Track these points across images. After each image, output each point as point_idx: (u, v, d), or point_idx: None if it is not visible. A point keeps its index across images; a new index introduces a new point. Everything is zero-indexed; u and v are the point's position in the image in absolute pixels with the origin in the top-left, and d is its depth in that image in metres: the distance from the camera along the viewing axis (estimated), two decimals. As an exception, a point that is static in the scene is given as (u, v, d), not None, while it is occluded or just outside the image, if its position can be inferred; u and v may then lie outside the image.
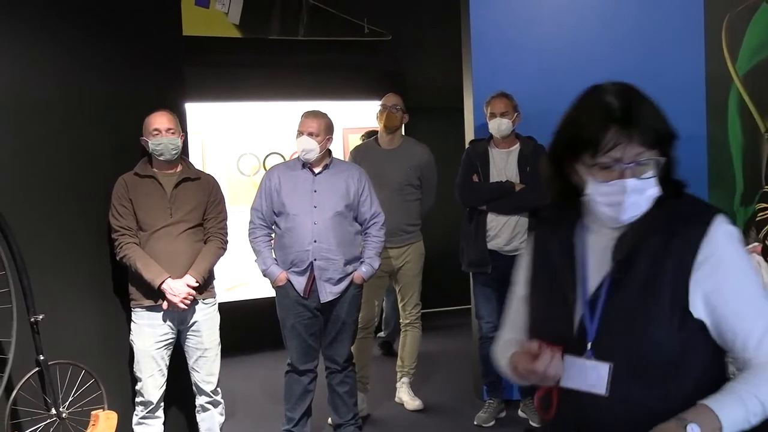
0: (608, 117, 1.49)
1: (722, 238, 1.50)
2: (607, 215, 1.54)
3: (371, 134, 5.23)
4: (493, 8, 4.82)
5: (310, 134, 3.97)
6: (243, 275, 6.14)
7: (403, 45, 6.65)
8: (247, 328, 5.89)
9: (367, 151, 4.85)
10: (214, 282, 3.85)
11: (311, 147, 3.96)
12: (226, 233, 3.83)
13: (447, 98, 5.88)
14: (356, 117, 6.66)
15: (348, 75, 6.64)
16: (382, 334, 6.22)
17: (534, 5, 4.84)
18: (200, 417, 3.87)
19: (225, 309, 4.04)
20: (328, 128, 4.03)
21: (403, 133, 4.95)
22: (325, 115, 4.07)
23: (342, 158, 5.02)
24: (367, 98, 6.39)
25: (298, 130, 4.01)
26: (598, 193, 1.51)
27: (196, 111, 5.77)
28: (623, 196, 1.50)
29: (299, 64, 6.48)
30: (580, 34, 4.79)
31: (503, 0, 4.84)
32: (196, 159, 5.29)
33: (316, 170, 4.03)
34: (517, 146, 4.41)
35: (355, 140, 6.23)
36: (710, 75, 4.76)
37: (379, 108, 4.79)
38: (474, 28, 4.84)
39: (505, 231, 4.36)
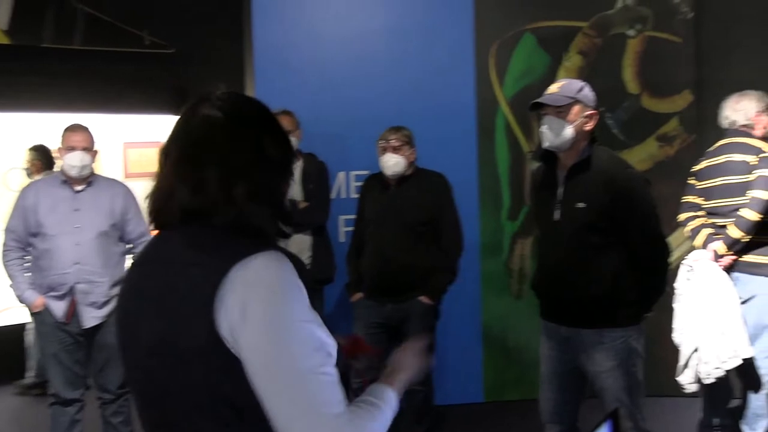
0: None
1: None
2: None
3: None
4: (277, 25, 4.81)
5: (84, 149, 3.76)
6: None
7: (185, 58, 6.47)
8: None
9: None
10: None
11: (86, 162, 3.76)
12: None
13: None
14: (137, 131, 6.40)
15: (128, 87, 6.37)
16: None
17: (318, 24, 4.88)
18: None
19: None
20: (94, 142, 3.84)
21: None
22: (88, 127, 3.87)
23: (123, 174, 4.78)
24: (149, 112, 6.16)
25: (67, 146, 3.76)
26: None
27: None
28: None
29: (75, 75, 6.13)
30: (363, 53, 4.90)
31: (287, 17, 4.84)
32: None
33: (78, 188, 3.80)
34: (300, 163, 4.40)
35: (136, 155, 5.98)
36: (480, 98, 5.00)
37: None
38: (257, 44, 4.81)
39: (291, 248, 4.32)
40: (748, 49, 4.86)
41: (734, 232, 3.83)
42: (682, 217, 4.19)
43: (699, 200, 4.11)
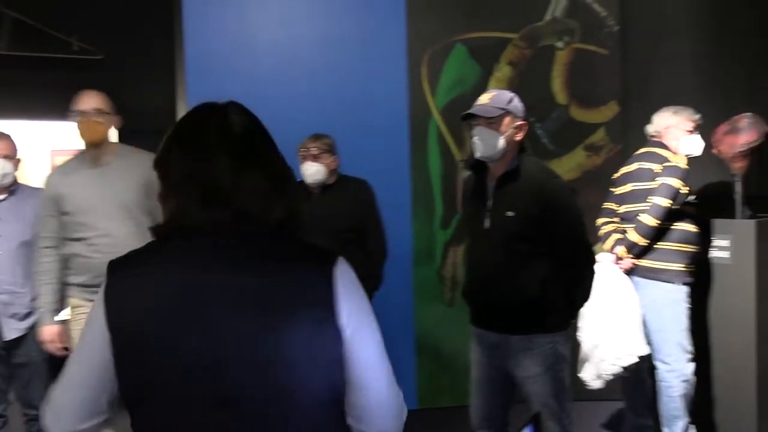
0: None
1: None
2: None
3: None
4: (209, 31, 4.77)
5: (6, 157, 3.67)
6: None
7: (116, 65, 6.35)
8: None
9: (68, 174, 3.93)
10: None
11: (8, 171, 3.68)
12: None
13: (162, 121, 5.70)
14: (65, 138, 6.24)
15: (56, 94, 6.19)
16: None
17: (251, 30, 4.85)
18: None
19: None
20: (16, 150, 3.75)
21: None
22: (10, 135, 3.78)
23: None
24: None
25: None
26: None
27: None
28: None
29: (1, 81, 5.96)
30: (295, 60, 4.89)
31: (220, 22, 4.80)
32: None
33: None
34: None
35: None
36: (412, 107, 5.05)
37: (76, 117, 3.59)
38: (188, 49, 4.76)
39: None
40: (672, 62, 5.02)
41: (632, 236, 3.99)
42: (599, 222, 4.33)
43: (614, 206, 4.25)
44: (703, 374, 4.30)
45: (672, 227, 3.99)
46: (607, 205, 4.31)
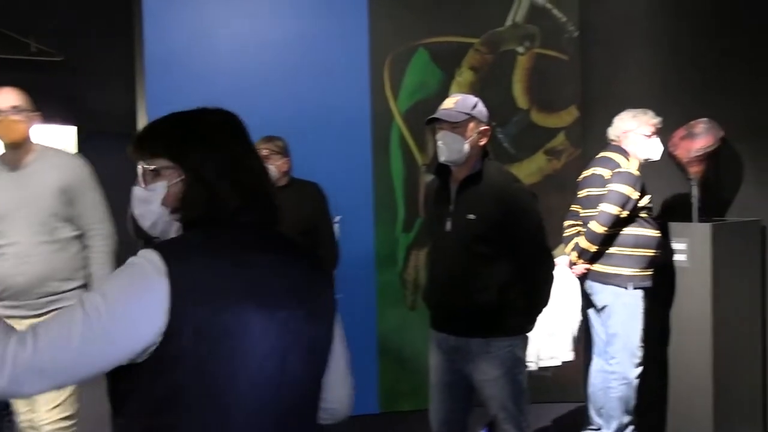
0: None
1: None
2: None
3: None
4: (169, 32, 4.72)
5: None
6: None
7: (75, 66, 6.28)
8: None
9: None
10: None
11: None
12: None
13: (121, 123, 5.64)
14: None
15: (13, 96, 6.11)
16: None
17: (211, 31, 4.81)
18: None
19: None
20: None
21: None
22: None
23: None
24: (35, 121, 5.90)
25: None
26: None
27: None
28: (134, 203, 1.56)
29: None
30: (257, 63, 4.86)
31: (180, 24, 4.76)
32: None
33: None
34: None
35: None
36: (375, 111, 5.05)
37: None
38: (148, 51, 4.70)
39: None
40: (631, 67, 5.08)
41: (582, 242, 4.07)
42: (566, 224, 4.39)
43: (579, 209, 4.30)
44: (661, 376, 4.36)
45: (624, 232, 4.04)
46: (573, 207, 4.36)
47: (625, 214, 3.99)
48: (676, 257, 4.27)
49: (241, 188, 1.49)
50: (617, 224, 4.02)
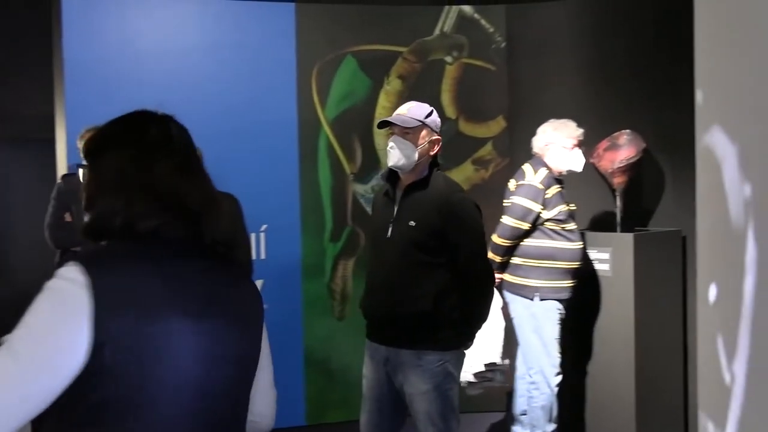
0: None
1: None
2: None
3: None
4: (89, 38, 4.57)
5: None
6: None
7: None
8: None
9: None
10: None
11: None
12: None
13: (41, 128, 5.43)
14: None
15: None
16: None
17: (134, 39, 4.68)
18: None
19: None
20: None
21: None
22: None
23: None
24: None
25: None
26: None
27: None
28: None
29: None
30: (182, 70, 4.75)
31: (100, 31, 4.62)
32: None
33: None
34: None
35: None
36: (302, 119, 4.99)
37: None
38: (67, 59, 4.54)
39: None
40: (556, 78, 5.16)
41: (489, 253, 4.11)
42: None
43: None
44: (584, 385, 4.43)
45: (527, 244, 4.10)
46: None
47: (526, 226, 4.05)
48: (600, 266, 4.34)
49: (159, 197, 1.45)
50: (524, 236, 4.08)
